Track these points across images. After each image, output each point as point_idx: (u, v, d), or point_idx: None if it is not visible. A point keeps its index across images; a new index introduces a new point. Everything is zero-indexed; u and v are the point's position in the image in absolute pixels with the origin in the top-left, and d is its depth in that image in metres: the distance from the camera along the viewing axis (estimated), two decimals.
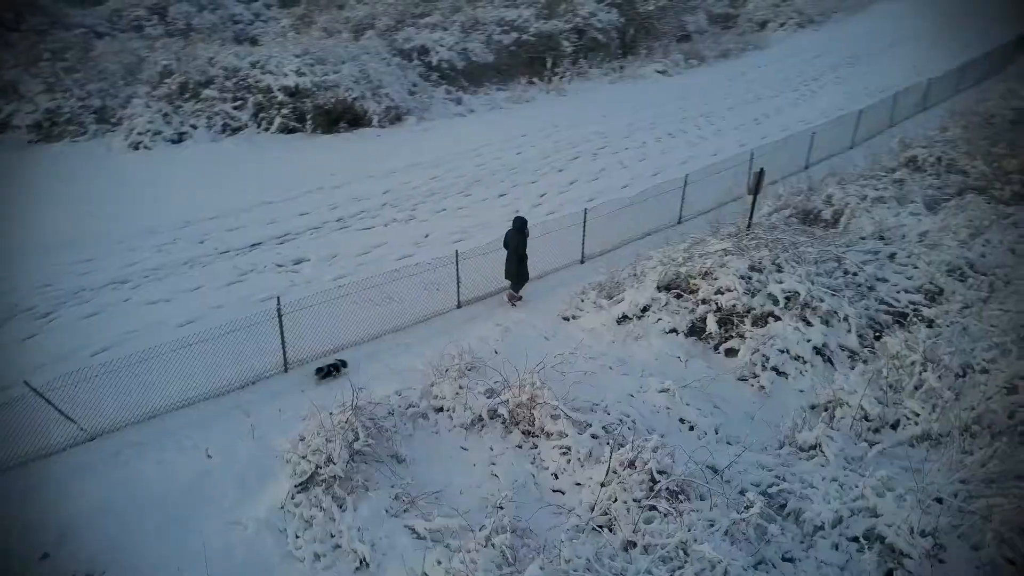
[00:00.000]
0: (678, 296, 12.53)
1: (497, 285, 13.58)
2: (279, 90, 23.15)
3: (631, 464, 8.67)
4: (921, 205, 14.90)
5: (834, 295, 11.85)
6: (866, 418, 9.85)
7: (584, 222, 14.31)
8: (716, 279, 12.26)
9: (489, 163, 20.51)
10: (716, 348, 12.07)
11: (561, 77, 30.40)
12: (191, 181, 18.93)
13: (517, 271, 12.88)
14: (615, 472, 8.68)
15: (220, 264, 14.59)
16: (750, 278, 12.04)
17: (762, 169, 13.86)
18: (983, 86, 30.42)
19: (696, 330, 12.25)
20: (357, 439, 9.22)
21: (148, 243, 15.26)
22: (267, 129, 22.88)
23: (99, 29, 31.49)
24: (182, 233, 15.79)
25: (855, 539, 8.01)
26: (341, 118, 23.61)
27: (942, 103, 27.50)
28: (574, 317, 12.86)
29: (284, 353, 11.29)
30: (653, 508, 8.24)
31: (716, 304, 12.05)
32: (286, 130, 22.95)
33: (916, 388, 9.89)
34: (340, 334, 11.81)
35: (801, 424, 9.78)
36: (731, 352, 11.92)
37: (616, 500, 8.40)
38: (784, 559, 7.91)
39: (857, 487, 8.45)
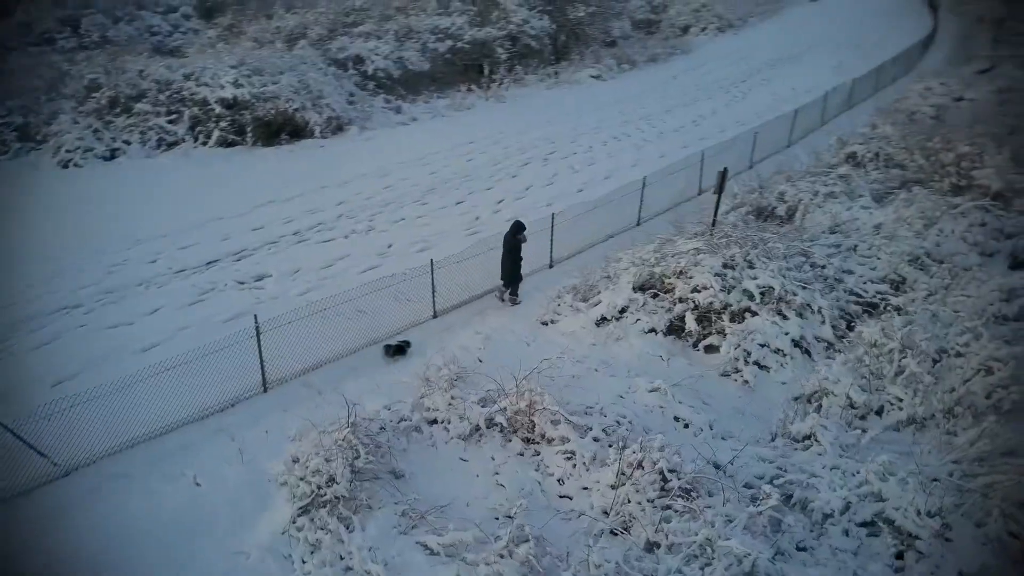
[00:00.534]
0: (654, 296, 12.67)
1: (470, 293, 13.47)
2: (216, 102, 22.41)
3: (639, 465, 8.69)
4: (870, 199, 15.52)
5: (805, 288, 12.19)
6: (852, 406, 10.15)
7: (552, 227, 14.31)
8: (691, 278, 12.45)
9: (441, 171, 20.34)
10: (695, 346, 12.24)
11: (499, 84, 30.48)
12: (131, 198, 18.11)
13: (511, 272, 13.00)
14: (623, 474, 8.70)
15: (177, 284, 13.99)
16: (725, 275, 12.27)
17: (725, 168, 14.18)
18: (898, 85, 32.00)
19: (675, 329, 12.40)
20: (358, 456, 8.95)
21: (96, 264, 14.50)
22: (205, 143, 22.11)
23: (8, 43, 29.84)
24: (131, 253, 15.07)
25: (864, 524, 8.23)
26: (282, 129, 23.03)
27: (864, 102, 28.79)
28: (552, 321, 12.85)
29: (263, 373, 10.88)
30: (668, 507, 8.29)
31: (694, 302, 12.23)
32: (225, 143, 22.23)
33: (897, 374, 10.25)
34: (317, 350, 11.46)
35: (793, 416, 10.00)
36: (711, 349, 12.12)
37: (630, 502, 8.39)
38: (798, 548, 8.05)
39: (857, 473, 8.69)
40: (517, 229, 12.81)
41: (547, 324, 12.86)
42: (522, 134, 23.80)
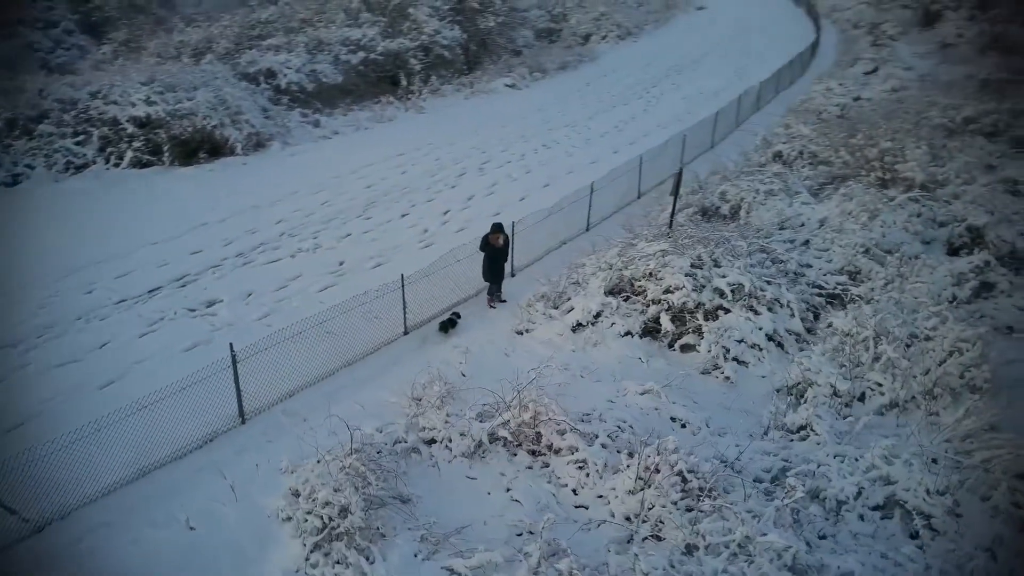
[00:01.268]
0: (626, 299, 12.77)
1: (439, 307, 13.20)
2: (127, 121, 21.12)
3: (655, 469, 8.69)
4: (808, 195, 16.19)
5: (771, 283, 12.57)
6: (836, 394, 10.50)
7: (512, 235, 14.19)
8: (662, 279, 12.61)
9: (377, 184, 19.88)
10: (671, 346, 12.41)
11: (417, 95, 30.12)
12: (47, 227, 16.76)
13: (490, 272, 13.19)
14: (640, 478, 8.68)
15: (121, 315, 13.05)
16: (695, 275, 12.49)
17: (681, 170, 14.49)
18: (795, 87, 33.66)
19: (650, 330, 12.53)
20: (368, 484, 8.56)
21: (26, 300, 13.33)
22: (118, 164, 20.78)
23: None
24: (62, 285, 13.95)
25: (876, 508, 8.51)
26: (200, 148, 21.92)
27: (769, 103, 30.12)
28: (528, 330, 12.74)
29: (240, 403, 10.28)
30: (691, 509, 8.32)
31: (668, 303, 12.39)
32: (140, 164, 20.96)
33: (874, 360, 10.68)
34: (291, 376, 10.92)
35: (785, 408, 10.26)
36: (687, 348, 12.31)
37: (653, 506, 8.38)
38: (819, 537, 8.24)
39: (860, 459, 8.99)
40: (496, 231, 12.92)
41: (522, 333, 12.74)
42: (451, 144, 23.58)
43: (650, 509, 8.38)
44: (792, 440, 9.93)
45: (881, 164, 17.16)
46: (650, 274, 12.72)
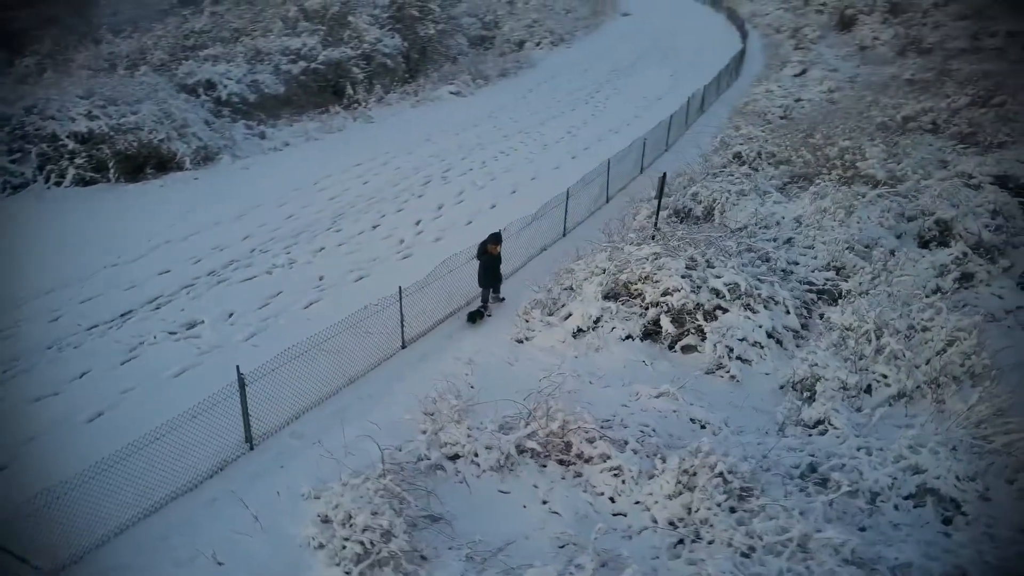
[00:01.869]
0: (624, 303, 12.76)
1: (434, 318, 12.94)
2: (68, 137, 19.99)
3: (692, 472, 8.67)
4: (779, 194, 16.58)
5: (762, 281, 12.77)
6: (844, 388, 10.73)
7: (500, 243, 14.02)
8: (658, 282, 12.66)
9: (340, 195, 19.38)
10: (671, 347, 12.46)
11: (364, 105, 29.60)
12: None
13: (487, 278, 13.11)
14: (679, 482, 8.65)
15: (95, 342, 12.29)
16: (690, 276, 12.59)
17: (664, 174, 14.59)
18: (732, 91, 34.54)
19: (649, 333, 12.56)
20: (407, 505, 8.27)
21: None
22: (59, 183, 19.63)
23: None
24: (23, 314, 13.04)
25: (907, 497, 8.71)
26: (147, 163, 20.95)
27: (711, 106, 30.83)
28: (527, 338, 12.60)
29: (248, 429, 9.79)
30: (733, 510, 8.32)
31: (667, 305, 12.44)
32: (83, 182, 19.88)
33: (877, 352, 10.96)
34: (295, 398, 10.49)
35: (800, 404, 10.41)
36: (688, 349, 12.38)
37: (698, 509, 8.35)
38: (860, 529, 8.37)
39: (885, 451, 9.18)
40: (490, 241, 12.82)
41: (522, 342, 12.58)
42: (409, 153, 23.23)
43: (695, 512, 8.35)
44: (811, 435, 10.08)
45: (842, 162, 17.73)
46: (646, 277, 12.75)
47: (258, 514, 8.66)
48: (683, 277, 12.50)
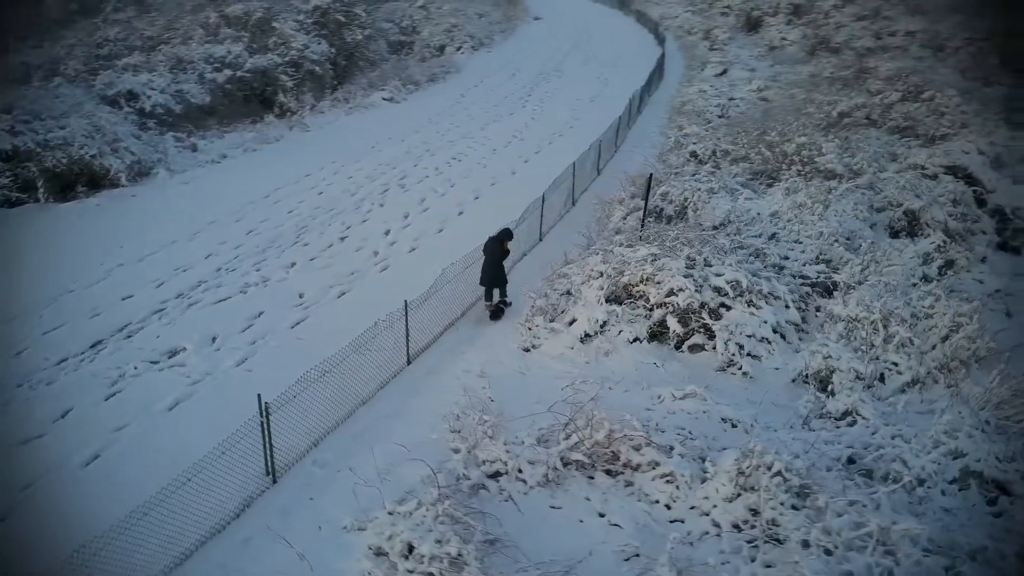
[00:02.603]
0: (628, 306, 12.66)
1: (432, 332, 12.49)
2: None
3: (746, 473, 8.60)
4: (749, 191, 16.88)
5: (757, 276, 12.91)
6: (859, 377, 10.93)
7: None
8: (660, 282, 12.60)
9: (297, 208, 18.56)
10: (678, 347, 12.44)
11: (298, 113, 28.57)
12: None
13: (494, 277, 12.96)
14: (736, 483, 8.57)
15: (69, 376, 11.25)
16: (691, 275, 12.59)
17: (651, 174, 14.57)
18: (660, 92, 35.13)
19: (655, 335, 12.49)
20: (470, 529, 7.85)
21: None
22: None
23: None
24: None
25: (951, 481, 8.89)
26: (77, 181, 19.51)
27: (645, 107, 31.28)
28: (534, 346, 12.32)
29: (272, 461, 9.13)
30: (795, 507, 8.29)
31: (672, 305, 12.39)
32: (9, 203, 18.32)
33: (886, 341, 11.23)
34: (313, 423, 9.87)
35: (825, 397, 10.53)
36: (695, 348, 12.39)
37: (761, 511, 8.27)
38: (914, 516, 8.48)
39: (919, 437, 9.35)
40: (506, 236, 12.92)
41: (529, 350, 12.30)
42: (357, 162, 22.50)
43: (758, 514, 8.27)
44: (838, 427, 10.19)
45: (800, 158, 18.23)
46: (647, 278, 12.68)
47: (303, 552, 8.05)
48: (685, 277, 12.48)
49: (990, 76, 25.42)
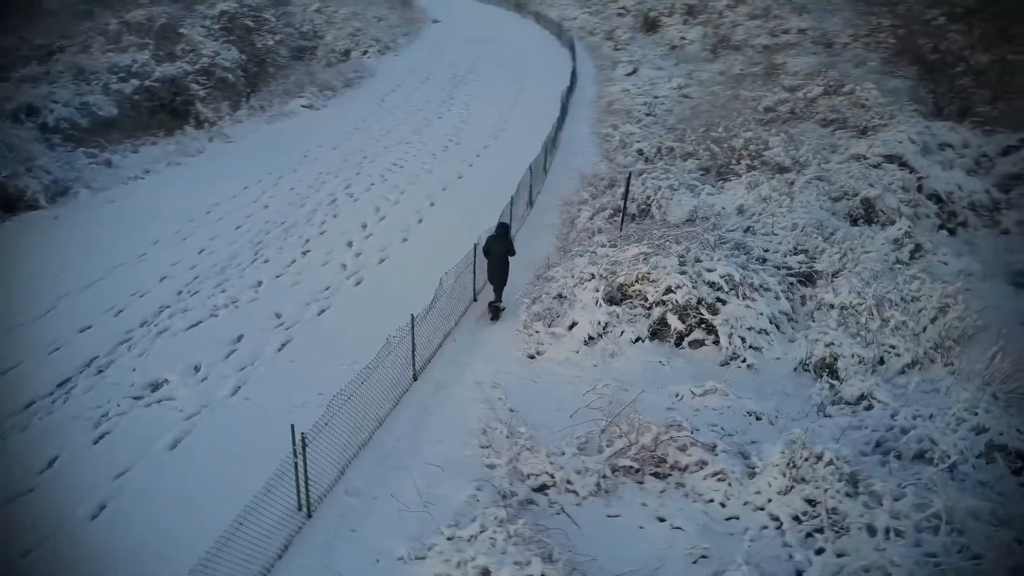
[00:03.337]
0: (626, 305, 12.62)
1: (433, 344, 12.07)
2: None
3: (795, 465, 8.69)
4: (710, 187, 17.19)
5: (746, 270, 13.15)
6: (861, 362, 11.29)
7: (475, 260, 13.36)
8: (656, 281, 12.64)
9: (245, 223, 17.56)
10: (678, 344, 12.50)
11: (217, 124, 27.14)
12: None
13: (501, 273, 12.82)
14: (789, 475, 8.64)
15: (44, 421, 10.18)
16: (686, 272, 12.69)
17: (631, 173, 14.58)
18: (578, 93, 35.44)
19: (655, 333, 12.51)
20: (548, 548, 7.57)
21: None
22: None
23: None
24: None
25: (978, 455, 9.28)
26: None
27: (571, 108, 31.46)
28: (539, 353, 12.10)
29: (307, 495, 8.54)
30: (849, 495, 8.42)
31: (671, 303, 12.44)
32: None
33: (882, 325, 11.64)
34: (337, 451, 9.30)
35: (839, 383, 10.79)
36: (695, 344, 12.48)
37: (819, 502, 8.35)
38: None
39: (932, 417, 9.71)
40: (504, 232, 12.85)
41: (534, 357, 12.08)
42: (294, 172, 21.57)
43: (816, 505, 8.36)
44: (855, 412, 10.47)
45: (748, 152, 18.75)
46: (643, 277, 12.69)
47: None
48: (680, 273, 12.56)
49: (896, 70, 26.89)
